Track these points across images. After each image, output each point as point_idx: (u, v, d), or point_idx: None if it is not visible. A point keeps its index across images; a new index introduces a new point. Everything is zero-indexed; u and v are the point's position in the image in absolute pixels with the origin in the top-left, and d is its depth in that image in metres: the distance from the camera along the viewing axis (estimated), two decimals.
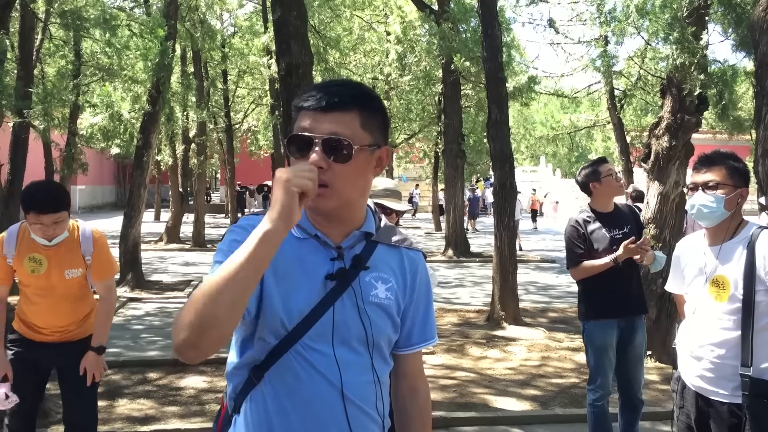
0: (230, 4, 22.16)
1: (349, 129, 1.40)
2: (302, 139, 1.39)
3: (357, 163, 1.41)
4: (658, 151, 6.48)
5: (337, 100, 1.40)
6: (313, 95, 1.42)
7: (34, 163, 13.82)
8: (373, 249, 1.53)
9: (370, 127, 1.44)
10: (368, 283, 1.50)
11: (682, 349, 2.68)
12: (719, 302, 2.51)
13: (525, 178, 38.34)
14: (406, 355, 1.64)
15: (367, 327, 1.47)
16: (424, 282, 1.63)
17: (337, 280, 1.45)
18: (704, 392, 2.54)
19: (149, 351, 7.01)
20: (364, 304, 1.47)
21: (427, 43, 17.78)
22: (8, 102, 8.07)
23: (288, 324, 1.41)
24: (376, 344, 1.50)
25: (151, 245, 17.50)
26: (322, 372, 1.43)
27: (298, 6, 6.58)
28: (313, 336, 1.42)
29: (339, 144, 1.38)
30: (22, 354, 3.30)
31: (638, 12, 8.36)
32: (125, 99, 12.31)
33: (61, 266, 3.21)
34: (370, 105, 1.46)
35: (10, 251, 3.17)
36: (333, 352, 1.44)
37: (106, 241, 3.39)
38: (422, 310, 1.63)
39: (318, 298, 1.44)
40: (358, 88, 1.46)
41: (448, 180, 16.20)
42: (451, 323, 8.49)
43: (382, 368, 1.53)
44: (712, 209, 2.52)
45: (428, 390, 1.73)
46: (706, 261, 2.59)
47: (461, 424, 4.91)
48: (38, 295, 3.24)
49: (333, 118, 1.40)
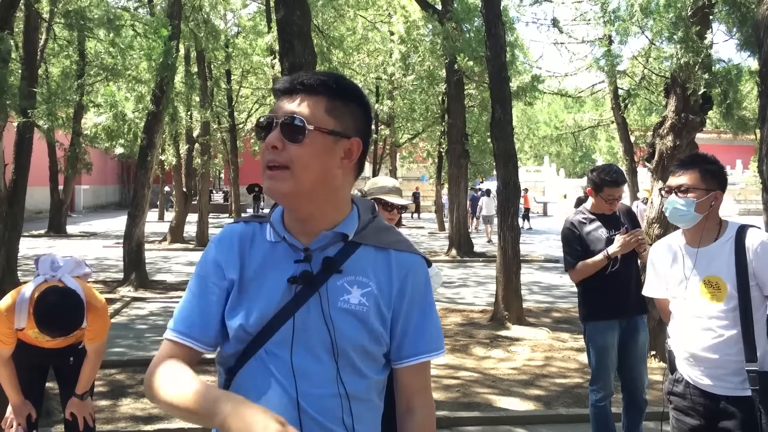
0: (234, 4, 22.21)
1: (309, 110, 1.36)
2: (265, 121, 1.39)
3: (313, 146, 1.35)
4: (663, 150, 6.47)
5: (303, 82, 1.38)
6: (284, 81, 1.41)
7: (39, 163, 13.87)
8: (351, 251, 1.43)
9: (339, 114, 1.38)
10: (339, 287, 1.39)
11: (680, 351, 2.68)
12: (715, 302, 2.53)
13: (529, 178, 38.32)
14: (401, 369, 1.48)
15: (332, 334, 1.37)
16: (419, 289, 1.47)
17: (302, 285, 1.38)
18: (711, 389, 2.55)
19: (153, 350, 7.00)
20: (330, 310, 1.38)
21: (430, 42, 17.76)
22: (12, 102, 8.07)
23: (249, 329, 1.38)
24: (343, 353, 1.38)
25: (155, 245, 17.53)
26: (279, 380, 1.36)
27: (301, 6, 6.58)
28: (276, 342, 1.37)
29: (293, 124, 1.34)
30: (19, 353, 3.29)
31: (642, 11, 8.34)
32: (129, 99, 12.33)
33: (65, 339, 3.21)
34: (343, 93, 1.40)
35: (20, 324, 3.08)
36: (290, 359, 1.36)
37: (101, 303, 3.25)
38: (415, 319, 1.46)
39: (282, 302, 1.38)
40: (331, 76, 1.40)
41: (451, 180, 16.20)
42: (455, 323, 8.48)
43: (352, 381, 1.39)
44: (683, 212, 2.57)
45: (430, 411, 1.52)
46: (690, 263, 2.61)
47: (465, 423, 4.91)
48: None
49: (296, 100, 1.37)
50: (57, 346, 3.26)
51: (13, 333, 3.11)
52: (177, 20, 11.60)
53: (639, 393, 4.07)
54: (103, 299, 3.30)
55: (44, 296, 2.98)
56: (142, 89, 12.17)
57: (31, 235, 19.35)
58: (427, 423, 1.50)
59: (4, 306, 3.08)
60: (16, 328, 3.09)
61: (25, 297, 3.07)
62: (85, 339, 3.25)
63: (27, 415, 3.22)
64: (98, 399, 5.17)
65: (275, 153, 1.35)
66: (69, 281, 3.15)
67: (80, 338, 3.30)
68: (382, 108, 21.85)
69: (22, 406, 3.21)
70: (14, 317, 3.05)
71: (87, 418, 3.31)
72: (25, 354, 3.25)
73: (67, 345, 3.30)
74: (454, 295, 10.97)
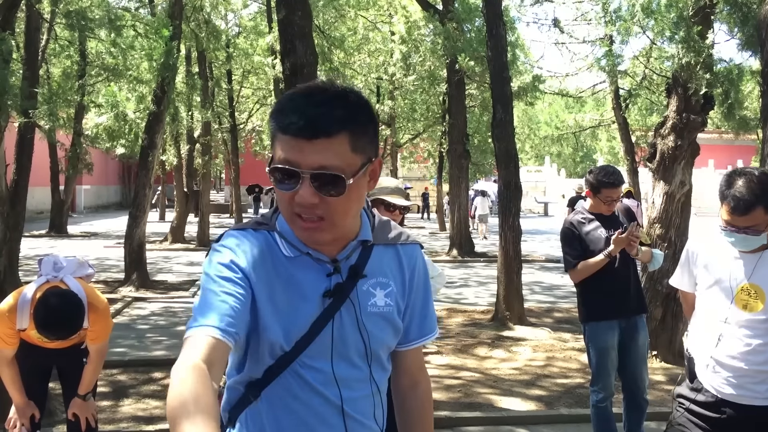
0: (235, 5, 22.20)
1: (339, 158, 1.25)
2: (287, 173, 1.26)
3: (350, 193, 1.28)
4: (664, 150, 6.46)
5: (322, 125, 1.23)
6: (293, 118, 1.24)
7: (40, 163, 13.88)
8: (369, 254, 1.44)
9: (362, 147, 1.29)
10: (366, 292, 1.42)
11: (702, 357, 2.57)
12: (749, 312, 2.45)
13: (530, 178, 38.34)
14: (407, 351, 1.57)
15: (366, 340, 1.41)
16: (422, 277, 1.54)
17: (334, 297, 1.38)
18: (734, 398, 2.47)
19: (154, 350, 7.02)
20: (362, 316, 1.40)
21: (431, 42, 17.77)
22: (14, 102, 8.08)
23: (286, 346, 1.35)
24: (375, 356, 1.44)
25: (156, 245, 17.54)
26: (320, 391, 1.37)
27: (303, 6, 6.58)
28: (312, 354, 1.36)
29: (331, 181, 1.25)
30: (22, 354, 3.29)
31: (644, 11, 8.33)
32: (130, 99, 12.32)
33: (68, 340, 3.20)
34: (360, 122, 1.29)
35: (22, 324, 3.06)
36: (332, 370, 1.38)
37: (102, 304, 3.23)
38: (419, 305, 1.54)
39: (315, 316, 1.36)
40: (342, 104, 1.27)
41: (452, 180, 16.19)
42: (457, 323, 8.48)
43: (380, 377, 1.48)
44: (752, 243, 2.45)
45: (429, 383, 1.66)
46: (737, 267, 2.51)
47: (466, 424, 4.91)
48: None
49: (319, 147, 1.23)
50: (60, 346, 3.26)
51: (15, 333, 3.10)
52: (178, 20, 11.60)
53: (640, 393, 4.07)
54: (105, 300, 3.30)
55: (44, 298, 2.98)
56: (143, 89, 12.15)
57: (32, 235, 19.36)
58: (429, 392, 1.66)
59: (6, 306, 3.08)
60: (18, 329, 3.08)
61: (26, 297, 3.06)
62: (87, 339, 3.25)
63: (30, 416, 3.22)
64: (100, 399, 5.16)
65: (311, 207, 1.26)
66: (71, 282, 3.16)
67: (83, 339, 3.30)
68: (383, 108, 21.86)
69: (25, 406, 3.20)
70: (16, 318, 3.05)
71: (89, 419, 3.31)
72: (28, 355, 3.25)
73: (70, 345, 3.29)
74: (456, 295, 10.97)
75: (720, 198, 2.49)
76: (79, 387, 3.30)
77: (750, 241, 2.44)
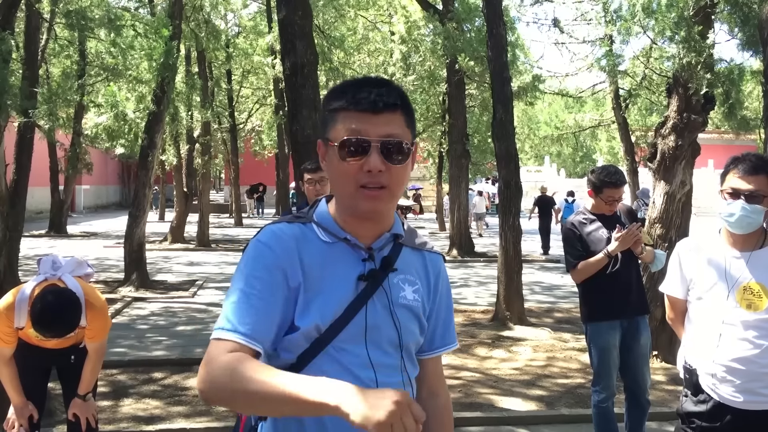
0: (234, 4, 22.20)
1: (401, 130, 1.41)
2: (358, 143, 1.38)
3: (408, 164, 1.44)
4: (665, 150, 6.46)
5: (388, 99, 1.40)
6: (363, 94, 1.40)
7: (39, 163, 13.87)
8: (399, 251, 1.52)
9: (411, 126, 1.45)
10: (396, 285, 1.49)
11: (704, 364, 2.50)
12: (752, 311, 2.39)
13: (530, 178, 38.33)
14: (428, 360, 1.62)
15: (399, 329, 1.47)
16: (446, 286, 1.62)
17: (368, 282, 1.44)
18: (742, 405, 2.41)
19: (154, 351, 7.01)
20: (393, 306, 1.47)
21: (431, 42, 17.76)
22: (13, 102, 8.08)
23: (322, 327, 1.40)
24: (406, 347, 1.49)
25: (155, 245, 17.53)
26: (356, 374, 1.41)
27: (303, 6, 6.58)
28: (345, 338, 1.41)
29: (395, 146, 1.39)
30: (21, 354, 3.28)
31: (644, 11, 8.33)
32: (130, 99, 12.33)
33: (66, 339, 3.20)
34: (408, 104, 1.46)
35: (20, 322, 3.06)
36: (367, 353, 1.43)
37: (100, 302, 3.23)
38: (444, 313, 1.62)
39: (350, 299, 1.42)
40: (395, 88, 1.45)
41: (452, 180, 16.19)
42: (457, 323, 8.45)
43: (411, 370, 1.52)
44: (751, 220, 2.40)
45: (449, 397, 1.69)
46: (734, 267, 2.46)
47: (467, 424, 4.91)
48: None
49: (385, 119, 1.39)
50: (59, 346, 3.25)
51: (13, 332, 3.09)
52: (178, 20, 11.60)
53: (642, 393, 4.07)
54: (103, 298, 3.29)
55: (41, 295, 2.98)
56: (142, 89, 12.16)
57: (32, 235, 19.34)
58: (449, 406, 1.68)
59: (5, 304, 3.07)
60: (17, 327, 3.07)
61: (25, 295, 3.05)
62: (86, 338, 3.25)
63: (29, 416, 3.21)
64: (100, 399, 5.15)
65: (377, 175, 1.37)
66: (69, 280, 3.15)
67: (81, 338, 3.30)
68: None
69: (23, 406, 3.19)
70: (14, 316, 3.04)
71: (90, 419, 3.30)
72: (27, 354, 3.23)
73: (70, 345, 3.28)
74: (456, 295, 10.96)
75: (723, 174, 2.50)
76: (78, 387, 3.29)
77: (750, 218, 2.39)
